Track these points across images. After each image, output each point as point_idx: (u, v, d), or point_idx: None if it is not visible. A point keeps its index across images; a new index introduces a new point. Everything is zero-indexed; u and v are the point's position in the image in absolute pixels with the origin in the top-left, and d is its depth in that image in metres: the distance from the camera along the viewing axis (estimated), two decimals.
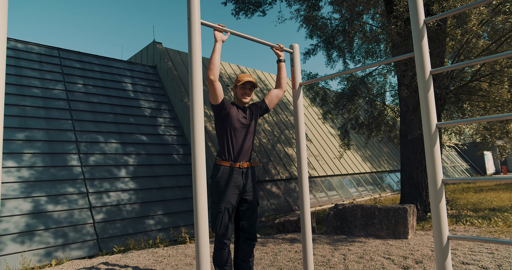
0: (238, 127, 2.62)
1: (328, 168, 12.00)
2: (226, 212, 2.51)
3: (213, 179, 2.58)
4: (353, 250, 4.50)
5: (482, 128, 10.78)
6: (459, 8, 1.74)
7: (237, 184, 2.57)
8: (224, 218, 2.50)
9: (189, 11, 2.06)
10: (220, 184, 2.53)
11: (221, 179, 2.54)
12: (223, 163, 2.57)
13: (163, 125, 9.20)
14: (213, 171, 2.59)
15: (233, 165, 2.57)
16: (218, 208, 2.50)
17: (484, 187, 14.46)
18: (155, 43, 10.90)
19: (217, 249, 2.58)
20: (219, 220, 2.49)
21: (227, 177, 2.54)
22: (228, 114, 2.58)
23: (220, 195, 2.52)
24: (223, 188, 2.52)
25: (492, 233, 5.20)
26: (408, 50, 6.45)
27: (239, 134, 2.63)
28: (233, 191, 2.54)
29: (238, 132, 2.62)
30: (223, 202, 2.51)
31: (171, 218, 7.16)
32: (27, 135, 6.79)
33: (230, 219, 2.54)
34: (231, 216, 2.55)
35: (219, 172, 2.55)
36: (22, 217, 5.70)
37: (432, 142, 1.75)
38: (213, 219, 2.53)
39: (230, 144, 2.60)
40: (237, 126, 2.61)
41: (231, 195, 2.54)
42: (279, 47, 2.73)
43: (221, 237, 2.53)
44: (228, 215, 2.52)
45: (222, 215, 2.49)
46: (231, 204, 2.54)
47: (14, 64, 7.81)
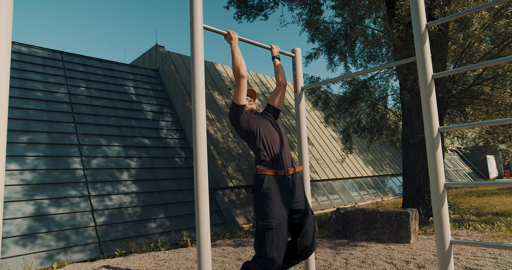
0: (267, 125, 2.38)
1: (330, 172, 11.98)
2: (278, 229, 2.09)
3: (256, 192, 2.21)
4: (355, 254, 4.48)
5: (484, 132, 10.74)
6: (461, 13, 1.74)
7: (287, 193, 2.24)
8: (276, 236, 2.07)
9: (192, 15, 2.07)
10: (268, 197, 2.16)
11: (267, 191, 2.17)
12: (266, 172, 2.22)
13: (165, 129, 9.22)
14: (256, 183, 2.23)
15: (279, 172, 2.24)
16: (267, 224, 2.08)
17: (487, 191, 14.38)
18: (158, 46, 10.95)
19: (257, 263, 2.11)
20: (269, 239, 2.05)
21: (275, 188, 2.20)
22: (251, 117, 2.38)
23: (269, 209, 2.13)
24: (271, 201, 2.15)
25: (495, 237, 5.16)
26: (410, 54, 6.46)
27: (271, 131, 2.37)
28: (283, 202, 2.19)
29: (269, 128, 2.37)
30: (273, 216, 2.10)
31: (173, 221, 7.16)
32: (30, 138, 6.82)
33: (283, 237, 2.11)
34: (285, 234, 2.14)
35: (264, 182, 2.19)
36: (24, 219, 5.71)
37: (434, 146, 1.75)
38: (260, 238, 2.09)
39: (268, 144, 2.29)
40: (265, 121, 2.39)
41: (282, 207, 2.17)
42: (271, 47, 2.74)
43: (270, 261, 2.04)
44: (282, 232, 2.11)
45: (273, 232, 2.07)
46: (283, 219, 2.14)
47: (18, 68, 7.87)
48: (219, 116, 10.21)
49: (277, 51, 2.77)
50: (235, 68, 2.30)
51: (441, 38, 6.61)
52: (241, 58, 2.33)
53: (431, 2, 5.94)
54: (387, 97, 10.50)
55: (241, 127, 2.33)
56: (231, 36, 2.37)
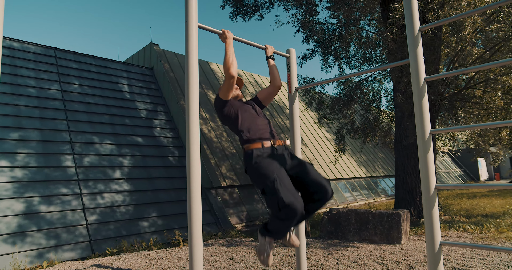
0: (248, 108, 2.46)
1: (323, 173, 12.03)
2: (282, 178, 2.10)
3: (248, 166, 2.26)
4: (346, 255, 4.51)
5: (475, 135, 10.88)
6: (454, 17, 1.77)
7: (278, 157, 2.28)
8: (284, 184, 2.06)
9: (187, 14, 2.07)
10: (259, 162, 2.21)
11: (257, 159, 2.23)
12: (253, 146, 2.29)
13: (159, 127, 9.18)
14: (246, 159, 2.29)
15: (265, 144, 2.30)
16: (270, 179, 2.09)
17: (477, 193, 14.57)
18: (152, 44, 10.90)
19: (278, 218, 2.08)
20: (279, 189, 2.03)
21: (264, 155, 2.25)
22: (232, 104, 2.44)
23: (264, 170, 2.16)
24: (264, 163, 2.19)
25: (484, 239, 5.24)
26: (403, 57, 6.52)
27: (252, 114, 2.44)
28: (276, 164, 2.22)
29: (249, 112, 2.44)
30: (271, 172, 2.13)
31: (165, 220, 7.13)
32: (21, 135, 6.74)
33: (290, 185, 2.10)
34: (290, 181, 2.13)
35: (253, 155, 2.25)
36: (14, 217, 5.64)
37: (426, 148, 1.77)
38: (271, 195, 2.07)
39: (249, 125, 2.36)
40: (246, 107, 2.46)
41: (276, 164, 2.20)
42: (265, 47, 2.74)
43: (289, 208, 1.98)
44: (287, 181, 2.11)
45: (279, 182, 2.06)
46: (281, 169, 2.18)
47: (10, 63, 7.76)
48: (213, 116, 10.19)
49: (272, 51, 2.77)
50: (225, 67, 2.33)
51: (434, 41, 6.68)
52: (233, 58, 2.35)
53: (425, 6, 6.00)
54: (381, 98, 10.58)
55: (224, 115, 2.44)
56: (226, 35, 2.38)
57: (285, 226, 2.11)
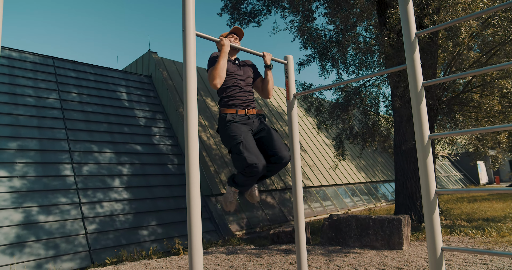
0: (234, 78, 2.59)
1: (322, 178, 12.00)
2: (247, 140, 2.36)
3: (221, 127, 2.51)
4: (348, 261, 4.47)
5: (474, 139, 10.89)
6: (449, 22, 1.78)
7: (247, 123, 2.51)
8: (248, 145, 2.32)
9: (184, 22, 2.08)
10: (230, 125, 2.45)
11: (229, 122, 2.46)
12: (227, 111, 2.51)
13: (158, 135, 9.17)
14: (220, 121, 2.53)
15: (239, 111, 2.51)
16: (236, 140, 2.35)
17: (477, 197, 14.53)
18: (151, 52, 10.95)
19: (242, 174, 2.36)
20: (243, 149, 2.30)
21: (236, 120, 2.48)
22: None
23: (233, 132, 2.41)
24: (233, 126, 2.44)
25: (486, 243, 5.20)
26: (401, 62, 6.55)
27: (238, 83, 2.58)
28: (245, 128, 2.46)
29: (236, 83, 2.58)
30: (239, 134, 2.39)
31: (165, 228, 7.08)
32: (19, 144, 6.72)
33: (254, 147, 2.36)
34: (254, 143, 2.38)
35: (226, 118, 2.48)
36: (13, 228, 5.59)
37: (425, 153, 1.76)
38: (236, 154, 2.34)
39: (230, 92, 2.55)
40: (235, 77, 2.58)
41: (243, 128, 2.45)
42: (263, 54, 2.74)
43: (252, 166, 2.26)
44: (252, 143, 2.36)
45: (244, 144, 2.32)
46: (247, 132, 2.43)
47: (8, 73, 7.78)
48: (212, 123, 10.20)
49: (270, 59, 2.77)
50: (211, 77, 2.38)
51: (431, 46, 6.72)
52: (222, 69, 2.37)
53: (421, 11, 6.05)
54: (379, 103, 10.60)
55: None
56: (223, 43, 2.39)
57: (249, 182, 2.41)
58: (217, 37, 2.40)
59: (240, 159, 2.30)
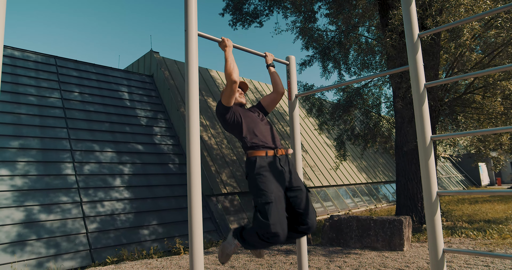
0: (251, 115, 2.45)
1: (323, 179, 11.99)
2: (277, 202, 2.12)
3: (250, 174, 2.25)
4: (348, 262, 4.47)
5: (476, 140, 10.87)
6: (452, 23, 1.77)
7: (279, 171, 2.27)
8: (277, 210, 2.08)
9: (187, 22, 2.08)
10: (262, 175, 2.20)
11: (260, 169, 2.21)
12: (257, 153, 2.28)
13: (159, 134, 9.18)
14: (249, 166, 2.29)
15: (268, 153, 2.29)
16: (266, 198, 2.11)
17: (479, 198, 14.50)
18: (152, 52, 10.96)
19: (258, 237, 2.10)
20: (270, 213, 2.05)
21: (267, 167, 2.24)
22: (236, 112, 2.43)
23: (265, 187, 2.16)
24: (265, 178, 2.19)
25: (487, 245, 5.19)
26: (403, 63, 6.54)
27: (256, 121, 2.43)
28: (276, 179, 2.22)
29: (253, 119, 2.43)
30: (270, 191, 2.14)
31: (166, 228, 7.08)
32: (21, 143, 6.73)
33: (283, 211, 2.12)
34: (283, 207, 2.15)
35: (256, 163, 2.24)
36: (14, 226, 5.61)
37: (427, 154, 1.76)
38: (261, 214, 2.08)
39: (253, 132, 2.35)
40: (249, 114, 2.45)
41: (276, 183, 2.20)
42: (265, 54, 2.75)
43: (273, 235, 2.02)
44: (281, 205, 2.13)
45: (273, 206, 2.08)
46: (280, 192, 2.19)
47: (10, 72, 7.80)
48: (213, 123, 10.20)
49: (271, 59, 2.78)
50: (227, 73, 2.33)
51: (433, 47, 6.71)
52: (234, 64, 2.36)
53: (424, 12, 6.04)
54: (381, 104, 10.59)
55: (227, 122, 2.41)
56: (225, 44, 2.39)
57: (261, 245, 2.15)
58: (219, 37, 2.40)
59: (263, 222, 2.05)
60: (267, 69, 2.77)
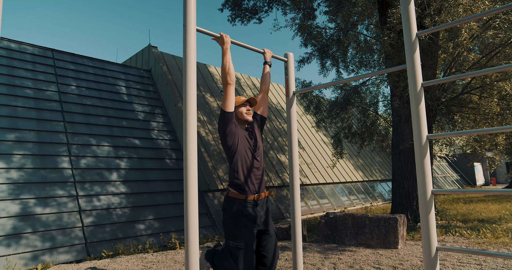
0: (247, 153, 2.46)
1: (320, 176, 12.04)
2: (248, 248, 2.29)
3: (227, 212, 2.37)
4: (343, 259, 4.50)
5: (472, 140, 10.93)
6: (450, 23, 1.78)
7: (254, 216, 2.37)
8: (246, 255, 2.27)
9: (185, 17, 2.07)
10: (236, 219, 2.33)
11: (236, 213, 2.33)
12: (237, 196, 2.37)
13: (156, 129, 9.16)
14: (227, 204, 2.39)
15: (249, 198, 2.37)
16: (237, 244, 2.28)
17: (473, 198, 14.61)
18: (151, 47, 10.90)
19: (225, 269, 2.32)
20: (240, 258, 2.25)
21: (243, 211, 2.34)
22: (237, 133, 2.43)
23: (238, 230, 2.31)
24: (240, 223, 2.32)
25: (480, 244, 5.24)
26: (401, 61, 6.55)
27: (250, 160, 2.45)
28: (251, 224, 2.34)
29: (247, 157, 2.45)
30: (242, 237, 2.30)
31: (162, 223, 7.10)
32: (17, 136, 6.70)
33: (252, 254, 2.31)
34: (253, 250, 2.32)
35: (235, 205, 2.34)
36: (9, 219, 5.60)
37: (423, 153, 1.78)
38: (232, 257, 2.28)
39: (242, 173, 2.40)
40: (246, 152, 2.45)
41: (249, 228, 2.33)
42: (264, 51, 2.77)
43: None
44: (252, 251, 2.31)
45: (243, 252, 2.26)
46: (252, 239, 2.33)
47: (7, 64, 7.74)
48: (211, 118, 10.19)
49: (270, 56, 2.78)
50: (222, 75, 2.39)
51: (431, 46, 6.73)
52: (229, 65, 2.38)
53: (422, 11, 6.05)
54: (378, 103, 10.62)
55: (226, 141, 2.41)
56: (223, 40, 2.38)
57: None
58: (217, 33, 2.40)
59: (231, 264, 2.25)
60: (263, 66, 2.79)
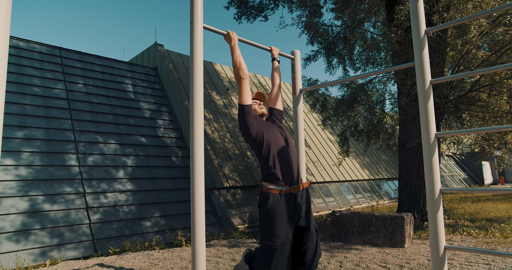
0: (276, 134, 2.32)
1: (326, 175, 12.00)
2: (282, 249, 2.09)
3: (262, 209, 2.20)
4: (349, 258, 4.49)
5: (480, 139, 10.80)
6: (459, 20, 1.75)
7: (292, 211, 2.20)
8: (281, 256, 2.08)
9: (192, 15, 2.07)
10: (272, 216, 2.14)
11: (271, 209, 2.15)
12: (271, 191, 2.19)
13: (163, 127, 9.20)
14: (262, 201, 2.22)
15: (284, 191, 2.20)
16: (272, 244, 2.08)
17: (481, 197, 14.46)
18: (157, 45, 10.94)
19: None
20: (274, 259, 2.06)
21: (280, 207, 2.16)
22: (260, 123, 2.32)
23: (273, 229, 2.12)
24: (276, 221, 2.13)
25: (489, 244, 5.19)
26: (408, 59, 6.49)
27: (281, 144, 2.29)
28: (288, 221, 2.15)
29: (278, 141, 2.29)
30: (277, 236, 2.10)
31: (168, 220, 7.14)
32: (26, 134, 6.78)
33: (287, 256, 2.11)
34: (289, 253, 2.13)
35: (269, 201, 2.17)
36: (18, 215, 5.67)
37: (431, 152, 1.76)
38: (265, 257, 2.09)
39: (274, 157, 2.22)
40: (275, 140, 2.29)
41: (286, 227, 2.13)
42: (270, 48, 2.75)
43: None
44: (286, 252, 2.11)
45: (277, 253, 2.07)
46: (287, 239, 2.13)
47: (15, 62, 7.82)
48: (217, 116, 10.21)
49: (277, 53, 2.77)
50: (235, 71, 2.36)
51: (439, 43, 6.65)
52: (240, 60, 2.35)
53: (430, 8, 5.98)
54: (385, 101, 10.54)
55: (250, 133, 2.27)
56: (230, 37, 2.38)
57: None
58: (224, 30, 2.39)
59: (267, 263, 2.07)
60: (272, 63, 2.77)
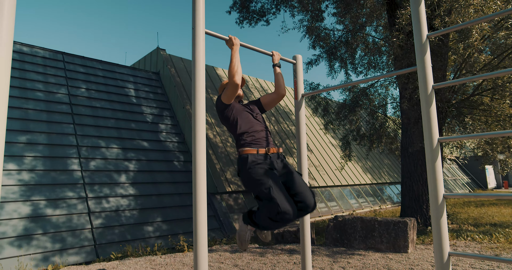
0: (247, 115, 2.51)
1: (328, 179, 11.96)
2: (276, 184, 2.20)
3: (243, 170, 2.32)
4: (352, 263, 4.45)
5: (483, 143, 10.75)
6: (461, 24, 1.75)
7: (271, 166, 2.33)
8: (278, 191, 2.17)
9: (194, 20, 2.08)
10: (254, 168, 2.27)
11: (252, 164, 2.28)
12: (248, 151, 2.34)
13: (164, 132, 9.21)
14: (241, 163, 2.35)
15: (260, 151, 2.35)
16: (265, 185, 2.18)
17: (485, 201, 14.36)
18: (159, 49, 10.99)
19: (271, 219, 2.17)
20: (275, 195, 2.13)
21: (258, 162, 2.30)
22: (234, 108, 2.50)
23: (259, 176, 2.24)
24: (258, 171, 2.26)
25: (493, 249, 5.14)
26: (410, 63, 6.49)
27: (251, 120, 2.48)
28: (270, 172, 2.28)
29: (249, 119, 2.48)
30: (266, 178, 2.22)
31: (170, 225, 7.12)
32: (28, 138, 6.80)
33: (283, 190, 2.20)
34: (282, 187, 2.22)
35: (248, 160, 2.30)
36: (21, 220, 5.67)
37: (434, 156, 1.75)
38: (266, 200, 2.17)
39: (246, 131, 2.42)
40: (245, 113, 2.50)
41: (270, 174, 2.25)
42: (272, 53, 2.74)
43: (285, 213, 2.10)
44: (280, 187, 2.20)
45: (274, 189, 2.17)
46: (275, 177, 2.26)
47: (19, 67, 7.87)
48: (219, 121, 10.22)
49: (278, 58, 2.77)
50: (230, 74, 2.38)
51: (441, 48, 6.65)
52: (238, 66, 2.37)
53: (432, 12, 5.98)
54: (387, 105, 10.52)
55: (224, 116, 2.50)
56: (233, 42, 2.39)
57: (275, 226, 2.23)
58: (225, 35, 2.40)
59: (272, 206, 2.13)
60: (273, 69, 2.76)
